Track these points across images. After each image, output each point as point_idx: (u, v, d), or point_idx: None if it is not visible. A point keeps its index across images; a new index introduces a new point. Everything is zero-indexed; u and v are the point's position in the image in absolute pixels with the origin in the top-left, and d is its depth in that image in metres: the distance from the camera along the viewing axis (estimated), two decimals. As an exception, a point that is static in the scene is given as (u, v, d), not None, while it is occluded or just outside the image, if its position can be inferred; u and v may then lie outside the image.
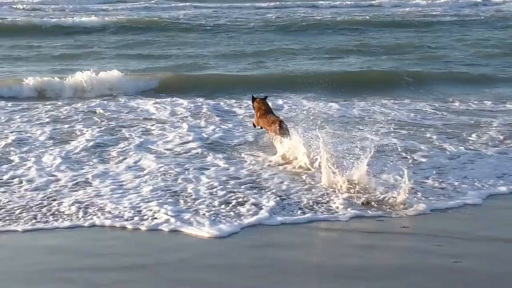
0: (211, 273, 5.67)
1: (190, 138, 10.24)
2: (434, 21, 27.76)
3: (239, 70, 16.90)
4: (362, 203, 7.26)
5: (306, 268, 5.79)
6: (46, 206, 7.19)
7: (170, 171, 8.50)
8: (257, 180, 8.21)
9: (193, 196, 7.54)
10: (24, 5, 36.59)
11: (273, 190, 7.77)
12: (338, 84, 14.22)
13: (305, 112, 11.59)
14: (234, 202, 7.38)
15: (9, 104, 12.73)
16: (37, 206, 7.18)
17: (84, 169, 8.58)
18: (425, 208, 7.16)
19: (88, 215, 6.94)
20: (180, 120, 11.49)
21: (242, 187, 7.90)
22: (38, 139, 10.04)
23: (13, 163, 8.80)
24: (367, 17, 28.75)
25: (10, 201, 7.32)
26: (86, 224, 6.76)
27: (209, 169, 8.64)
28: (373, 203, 7.29)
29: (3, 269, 5.83)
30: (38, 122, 11.22)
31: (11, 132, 10.46)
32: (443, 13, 30.70)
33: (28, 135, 10.32)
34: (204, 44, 21.61)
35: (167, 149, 9.60)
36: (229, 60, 18.28)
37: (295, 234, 6.63)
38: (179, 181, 8.10)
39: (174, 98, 13.38)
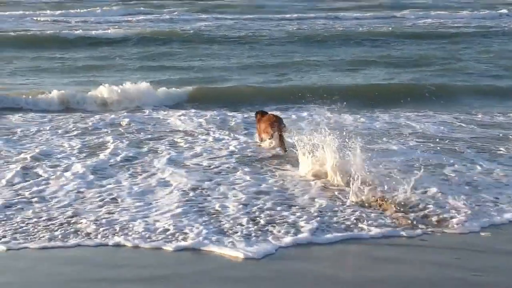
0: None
1: (219, 151, 10.10)
2: (457, 32, 27.34)
3: (263, 82, 16.74)
4: (397, 219, 7.09)
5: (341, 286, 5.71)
6: (69, 223, 6.96)
7: (199, 187, 8.26)
8: (289, 196, 7.98)
9: (224, 214, 7.31)
10: (47, 17, 36.85)
11: (306, 208, 7.53)
12: (362, 96, 14.20)
13: (330, 124, 11.45)
14: (266, 220, 7.12)
15: (36, 116, 12.61)
16: (59, 223, 6.96)
17: (110, 184, 8.38)
18: (464, 227, 6.94)
19: (113, 234, 6.71)
20: (207, 133, 11.31)
21: (274, 204, 7.66)
22: (65, 152, 9.91)
23: (39, 177, 8.61)
24: (390, 29, 28.57)
25: (33, 217, 7.12)
26: (111, 243, 6.54)
27: (239, 184, 8.42)
28: (411, 221, 7.09)
29: (23, 280, 5.80)
30: (65, 135, 11.07)
31: (38, 145, 10.31)
32: (466, 25, 30.24)
33: (55, 147, 10.18)
34: (226, 55, 21.45)
35: (196, 164, 9.40)
36: (252, 72, 18.16)
37: (329, 253, 6.44)
38: (209, 197, 7.88)
39: (200, 110, 13.24)
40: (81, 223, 6.97)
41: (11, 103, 13.46)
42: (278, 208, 7.49)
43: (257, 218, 7.17)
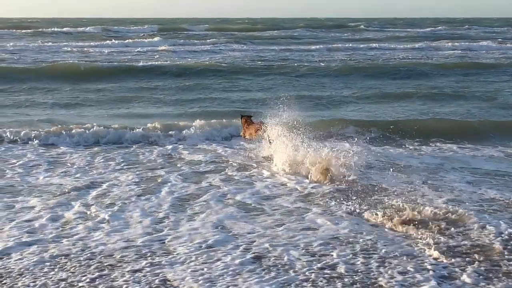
0: None
1: (277, 188, 9.47)
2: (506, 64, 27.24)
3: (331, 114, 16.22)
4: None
5: None
6: (105, 282, 6.11)
7: (261, 234, 7.36)
8: (360, 241, 7.14)
9: (293, 268, 6.42)
10: (87, 48, 37.45)
11: (386, 259, 6.64)
12: (406, 129, 13.59)
13: (380, 157, 11.29)
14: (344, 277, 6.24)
15: (83, 149, 12.09)
16: (92, 282, 6.10)
17: (163, 231, 7.49)
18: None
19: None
20: (264, 168, 10.73)
21: (347, 250, 6.87)
22: (117, 186, 9.44)
23: (87, 219, 7.90)
24: (435, 60, 28.50)
25: (64, 275, 6.25)
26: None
27: (310, 229, 7.56)
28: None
29: None
30: (115, 168, 10.63)
31: (89, 181, 9.69)
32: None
33: (105, 183, 9.64)
34: (267, 87, 21.60)
35: (257, 203, 8.67)
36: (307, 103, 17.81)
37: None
38: (272, 247, 6.93)
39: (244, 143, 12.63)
40: (121, 281, 6.21)
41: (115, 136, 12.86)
42: (351, 256, 6.67)
43: (336, 274, 6.35)
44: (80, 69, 24.94)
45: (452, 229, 7.47)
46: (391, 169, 10.42)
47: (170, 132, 13.26)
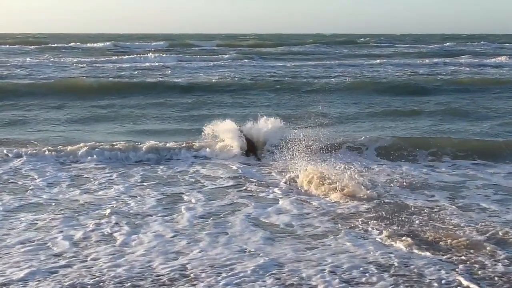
0: None
1: (302, 207, 9.01)
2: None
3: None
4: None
5: None
6: None
7: (292, 259, 6.86)
8: (395, 265, 6.69)
9: None
10: (96, 64, 37.39)
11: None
12: (419, 146, 13.14)
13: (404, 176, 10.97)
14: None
15: (103, 166, 11.68)
16: None
17: (184, 255, 6.98)
18: None
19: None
20: (286, 185, 10.28)
21: (386, 277, 6.39)
22: (138, 204, 9.04)
23: (104, 241, 7.44)
24: (445, 75, 28.28)
25: None
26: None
27: (344, 253, 7.07)
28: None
29: None
30: (136, 185, 10.27)
31: (109, 198, 9.37)
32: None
33: (126, 200, 9.27)
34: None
35: (284, 223, 8.21)
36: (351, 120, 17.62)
37: None
38: (307, 275, 6.45)
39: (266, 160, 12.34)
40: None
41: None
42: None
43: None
44: (90, 84, 24.68)
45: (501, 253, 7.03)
46: (413, 187, 10.16)
47: (187, 148, 12.91)
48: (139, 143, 12.97)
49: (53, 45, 65.10)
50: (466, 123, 17.31)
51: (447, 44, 78.76)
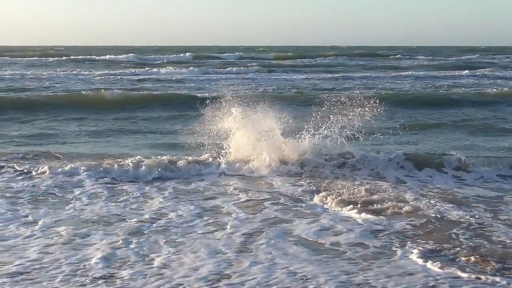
0: None
1: (346, 223, 8.49)
2: None
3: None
4: None
5: None
6: None
7: (346, 282, 6.38)
8: None
9: None
10: (120, 76, 37.25)
11: None
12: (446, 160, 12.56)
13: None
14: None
15: (136, 181, 11.22)
16: None
17: (228, 278, 6.51)
18: None
19: None
20: (328, 201, 9.65)
21: None
22: (176, 219, 8.58)
23: (143, 261, 6.98)
24: (474, 88, 27.74)
25: None
26: None
27: (400, 275, 6.55)
28: None
29: None
30: (171, 199, 9.85)
31: (148, 214, 8.92)
32: None
33: (163, 215, 8.83)
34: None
35: (328, 241, 7.70)
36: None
37: None
38: None
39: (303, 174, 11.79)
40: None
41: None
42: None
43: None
44: (111, 97, 24.37)
45: None
46: (451, 201, 9.77)
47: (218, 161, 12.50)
48: (175, 157, 12.65)
49: (75, 57, 65.23)
50: (493, 137, 16.75)
51: (469, 56, 77.90)
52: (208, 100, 14.34)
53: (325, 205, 9.50)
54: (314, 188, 10.72)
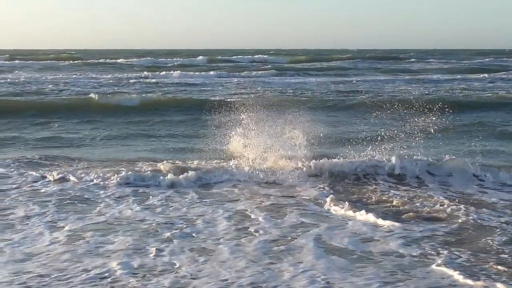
0: None
1: (376, 229, 8.21)
2: None
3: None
4: None
5: None
6: None
7: None
8: None
9: None
10: (133, 80, 37.09)
11: None
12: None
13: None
14: None
15: (157, 187, 10.92)
16: None
17: None
18: None
19: None
20: (354, 205, 9.41)
21: None
22: (202, 226, 8.35)
23: (171, 270, 6.70)
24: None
25: None
26: None
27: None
28: None
29: None
30: (196, 204, 9.62)
31: (178, 220, 8.67)
32: None
33: (189, 221, 8.58)
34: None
35: (360, 249, 7.42)
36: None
37: None
38: None
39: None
40: None
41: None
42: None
43: None
44: (126, 100, 24.18)
45: None
46: (479, 206, 9.53)
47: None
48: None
49: (89, 61, 65.22)
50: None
51: (487, 59, 77.11)
52: (230, 104, 14.05)
53: (351, 211, 9.19)
54: (340, 193, 10.47)
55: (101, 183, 11.01)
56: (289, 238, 7.90)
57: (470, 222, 8.59)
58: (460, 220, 8.69)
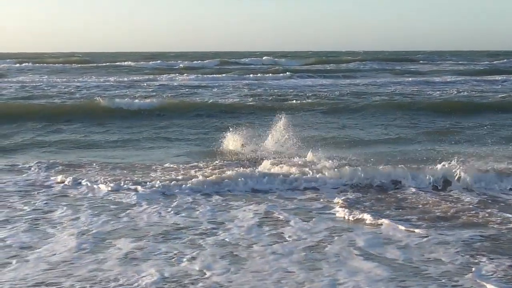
0: None
1: (415, 236, 7.91)
2: None
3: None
4: None
5: None
6: None
7: None
8: None
9: None
10: (145, 83, 36.89)
11: None
12: None
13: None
14: None
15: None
16: None
17: None
18: None
19: None
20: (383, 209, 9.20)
21: None
22: (234, 233, 8.04)
23: (197, 280, 6.43)
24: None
25: None
26: None
27: None
28: None
29: None
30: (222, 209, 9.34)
31: (208, 225, 8.44)
32: None
33: (218, 225, 8.37)
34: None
35: (402, 258, 7.13)
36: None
37: None
38: None
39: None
40: None
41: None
42: None
43: None
44: (139, 104, 23.95)
45: None
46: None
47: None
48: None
49: (98, 64, 65.11)
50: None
51: (494, 60, 76.31)
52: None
53: (381, 217, 8.88)
54: (370, 199, 10.18)
55: (125, 186, 10.79)
56: (319, 244, 7.65)
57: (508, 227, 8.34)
58: (496, 226, 8.45)
